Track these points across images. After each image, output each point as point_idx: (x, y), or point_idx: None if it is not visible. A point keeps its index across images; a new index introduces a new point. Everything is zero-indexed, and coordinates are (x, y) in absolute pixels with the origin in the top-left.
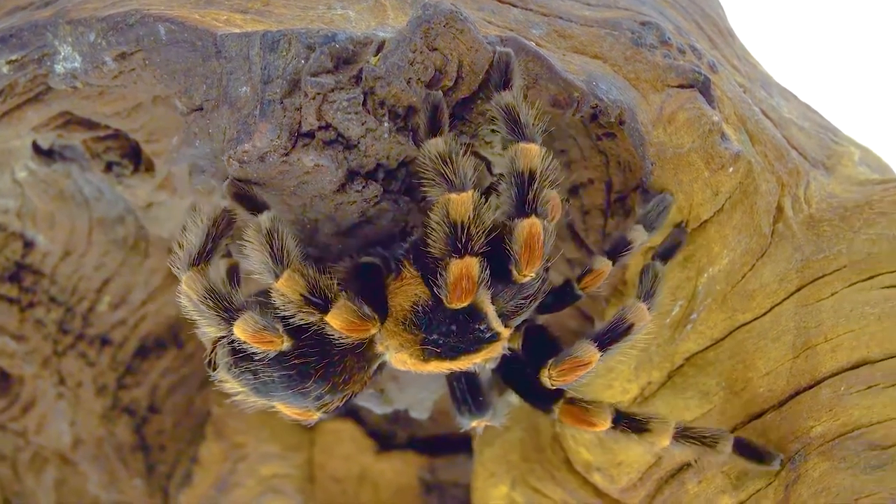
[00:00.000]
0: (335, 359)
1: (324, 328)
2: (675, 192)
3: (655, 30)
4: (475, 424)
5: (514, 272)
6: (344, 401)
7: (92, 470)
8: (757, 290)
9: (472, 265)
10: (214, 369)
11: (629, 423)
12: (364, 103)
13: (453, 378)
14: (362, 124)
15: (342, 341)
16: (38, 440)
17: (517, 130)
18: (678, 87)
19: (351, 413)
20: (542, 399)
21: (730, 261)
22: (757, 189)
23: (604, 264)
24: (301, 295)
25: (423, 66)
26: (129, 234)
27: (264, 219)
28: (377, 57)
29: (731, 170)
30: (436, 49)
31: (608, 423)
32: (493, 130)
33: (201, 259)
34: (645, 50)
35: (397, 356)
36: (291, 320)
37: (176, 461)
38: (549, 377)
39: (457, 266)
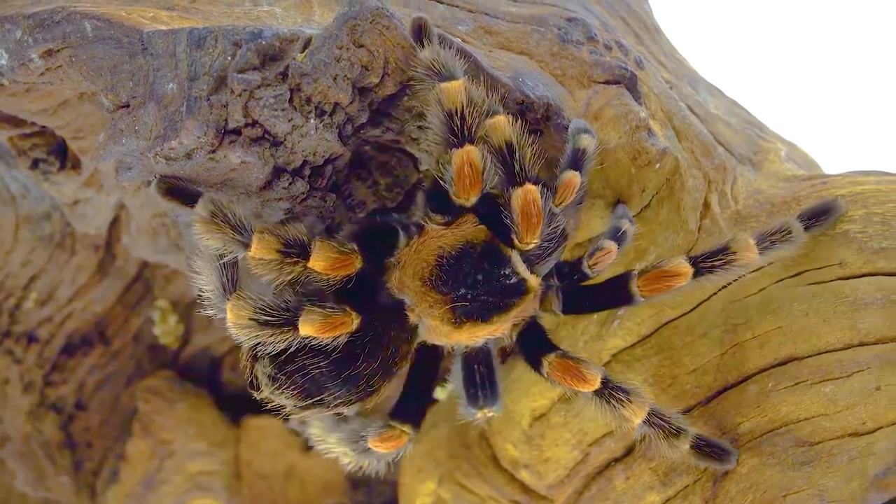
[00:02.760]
0: (378, 331)
1: (312, 275)
2: (603, 189)
3: (582, 26)
4: (481, 415)
5: (516, 241)
6: (391, 382)
7: (19, 467)
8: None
9: (472, 151)
10: (258, 389)
11: (613, 391)
12: (291, 100)
13: (476, 360)
14: (289, 121)
15: (331, 283)
16: None
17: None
18: (605, 83)
19: (277, 409)
20: (539, 350)
21: (657, 256)
22: (684, 185)
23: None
24: (277, 251)
25: (349, 62)
26: (56, 231)
27: (204, 203)
28: (304, 54)
29: (657, 166)
30: (362, 46)
31: (597, 384)
32: (419, 127)
33: (230, 288)
34: (571, 46)
35: (430, 323)
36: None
37: (103, 458)
38: (638, 287)
39: (457, 155)
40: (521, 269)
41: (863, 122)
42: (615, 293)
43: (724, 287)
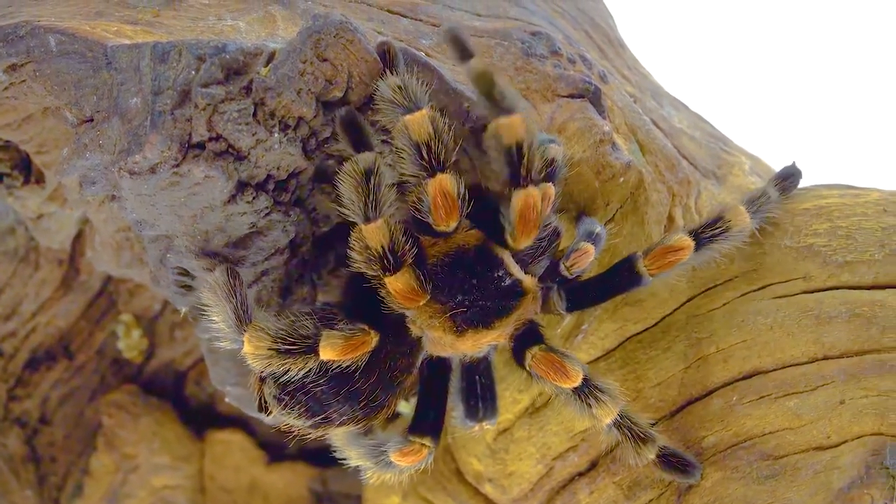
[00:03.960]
0: (376, 346)
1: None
2: (566, 203)
3: (546, 40)
4: (479, 428)
5: (510, 241)
6: (398, 396)
7: None
8: (647, 300)
9: (444, 180)
10: (267, 411)
11: (592, 390)
12: (254, 114)
13: (477, 371)
14: (253, 135)
15: (390, 307)
16: None
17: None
18: (568, 97)
19: (241, 423)
20: (524, 343)
21: None
22: (648, 199)
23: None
24: (382, 246)
25: (313, 76)
26: (20, 245)
27: (367, 157)
28: (267, 68)
29: (621, 180)
30: (326, 60)
31: (578, 381)
32: (383, 141)
33: (245, 318)
34: (535, 60)
35: (432, 335)
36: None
37: (67, 472)
38: (645, 266)
39: (431, 186)
40: (515, 269)
41: (826, 135)
42: (623, 277)
43: (687, 301)
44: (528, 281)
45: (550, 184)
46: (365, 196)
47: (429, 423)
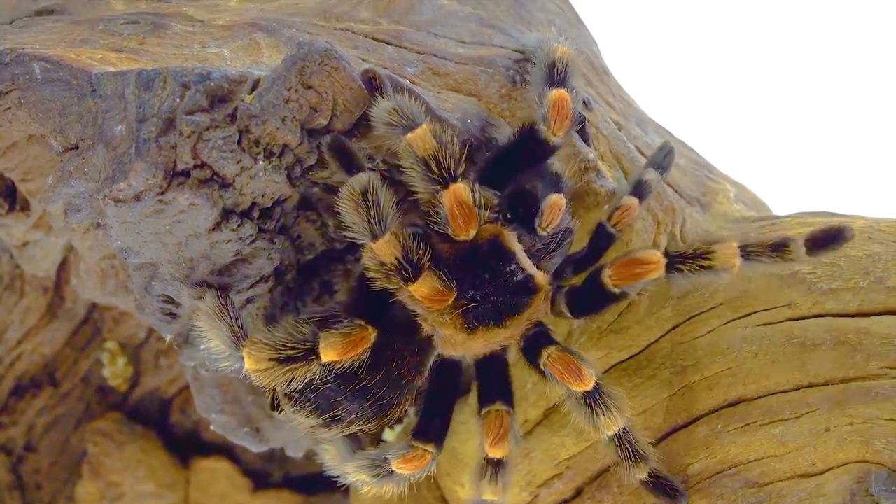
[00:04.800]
0: (382, 342)
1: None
2: None
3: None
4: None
5: (544, 131)
6: (407, 396)
7: None
8: (632, 327)
9: (458, 189)
10: (280, 410)
11: (602, 396)
12: (239, 141)
13: (491, 365)
14: (237, 163)
15: (421, 313)
16: None
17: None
18: None
19: (226, 451)
20: (538, 344)
21: None
22: (632, 227)
23: (631, 200)
24: (396, 259)
25: (298, 104)
26: (5, 273)
27: (361, 178)
28: (252, 95)
29: (606, 207)
30: (311, 87)
31: (590, 385)
32: (370, 168)
33: (242, 334)
34: (520, 87)
35: (443, 333)
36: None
37: (52, 500)
38: (609, 277)
39: (446, 196)
40: (527, 264)
41: (811, 162)
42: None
43: (672, 328)
44: (541, 277)
45: (560, 194)
46: (367, 214)
47: (434, 429)
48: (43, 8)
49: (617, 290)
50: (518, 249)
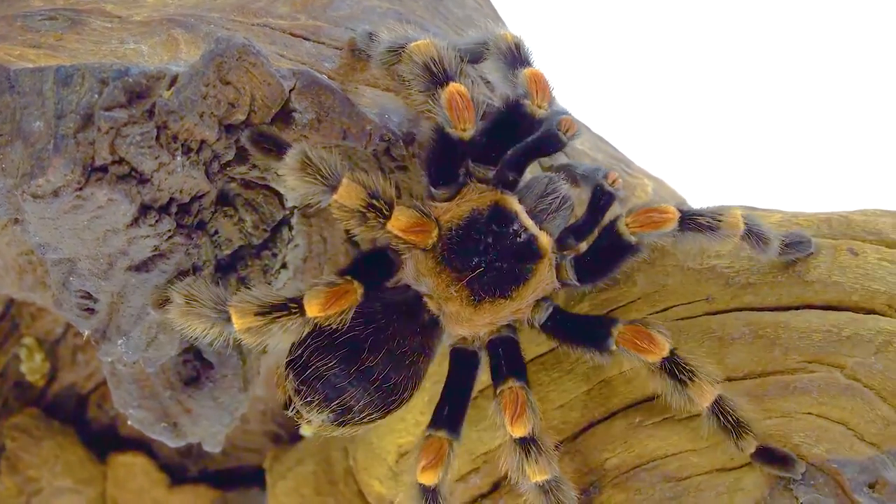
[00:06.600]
0: (381, 323)
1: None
2: None
3: None
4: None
5: (530, 103)
6: (414, 379)
7: None
8: None
9: (456, 85)
10: (293, 408)
11: (679, 368)
12: (157, 137)
13: (501, 345)
14: (156, 158)
15: (403, 247)
16: None
17: None
18: None
19: (143, 446)
20: (600, 328)
21: None
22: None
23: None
24: (363, 199)
25: (216, 99)
26: None
27: (293, 151)
28: (170, 91)
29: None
30: (229, 83)
31: (667, 352)
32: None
33: (224, 300)
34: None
35: (451, 310)
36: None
37: None
38: (627, 225)
39: (445, 92)
40: (529, 223)
41: (729, 156)
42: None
43: None
44: (544, 238)
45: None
46: (316, 174)
47: (449, 417)
48: None
49: (634, 240)
50: (520, 210)
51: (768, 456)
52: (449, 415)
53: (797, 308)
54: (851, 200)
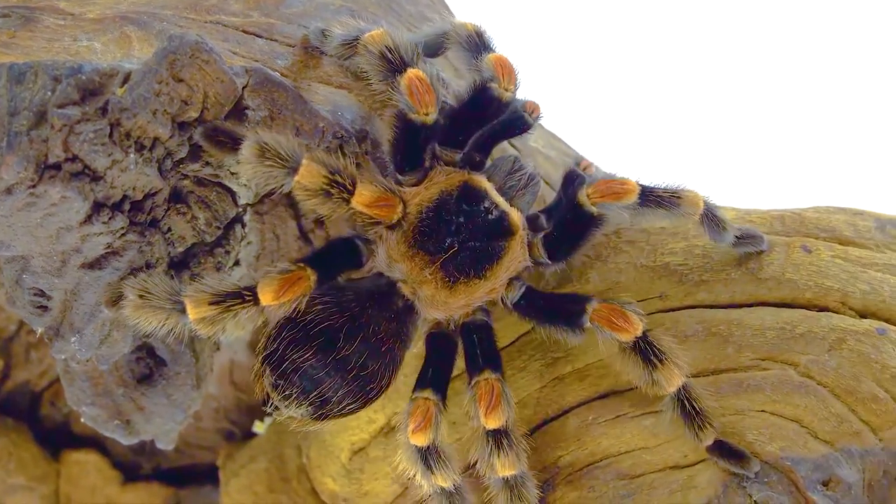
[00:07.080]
0: (356, 311)
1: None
2: None
3: None
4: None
5: (498, 86)
6: (392, 366)
7: None
8: (503, 318)
9: (414, 70)
10: (271, 404)
11: (651, 349)
12: (110, 135)
13: (475, 331)
14: (108, 156)
15: (370, 228)
16: None
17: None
18: None
19: (97, 444)
20: (574, 306)
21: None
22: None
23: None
24: (325, 177)
25: (169, 97)
26: None
27: (247, 142)
28: (123, 88)
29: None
30: (182, 80)
31: (640, 332)
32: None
33: (178, 292)
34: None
35: (426, 293)
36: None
37: None
38: (588, 196)
39: (404, 78)
40: (500, 200)
41: (683, 152)
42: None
43: None
44: (515, 214)
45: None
46: (275, 157)
47: (433, 380)
48: None
49: (595, 210)
50: (489, 187)
51: (724, 450)
52: (433, 377)
53: (751, 305)
54: (804, 198)
